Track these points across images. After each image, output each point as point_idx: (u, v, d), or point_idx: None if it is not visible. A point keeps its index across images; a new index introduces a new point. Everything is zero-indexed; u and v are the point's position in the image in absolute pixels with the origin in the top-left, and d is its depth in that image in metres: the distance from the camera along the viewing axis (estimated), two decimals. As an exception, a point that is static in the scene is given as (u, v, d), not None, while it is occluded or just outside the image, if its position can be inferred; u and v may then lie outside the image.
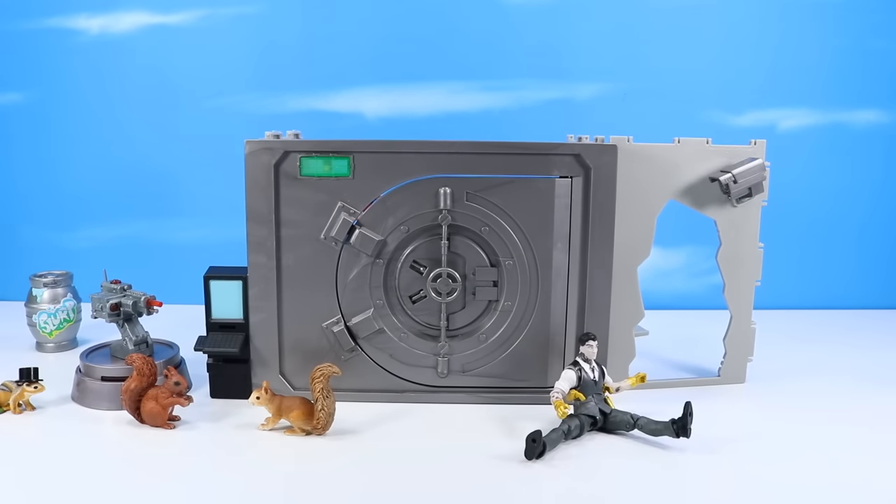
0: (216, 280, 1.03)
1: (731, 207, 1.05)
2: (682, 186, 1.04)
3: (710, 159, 1.04)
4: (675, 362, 1.20)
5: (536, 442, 0.86)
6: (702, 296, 1.56)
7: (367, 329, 1.03)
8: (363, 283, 1.02)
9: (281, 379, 1.03)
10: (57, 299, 1.26)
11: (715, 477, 0.85)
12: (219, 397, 1.04)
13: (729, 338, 1.11)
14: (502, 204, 0.99)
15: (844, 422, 0.99)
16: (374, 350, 1.04)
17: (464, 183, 0.99)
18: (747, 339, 1.11)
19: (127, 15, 1.45)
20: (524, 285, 1.01)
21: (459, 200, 0.99)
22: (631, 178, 1.01)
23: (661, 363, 1.19)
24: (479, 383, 1.04)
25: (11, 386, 0.98)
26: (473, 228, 1.00)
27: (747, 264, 1.08)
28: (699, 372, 1.15)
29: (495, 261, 1.01)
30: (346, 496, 0.80)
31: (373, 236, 1.00)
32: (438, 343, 1.03)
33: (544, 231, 1.00)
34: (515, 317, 1.02)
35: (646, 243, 1.05)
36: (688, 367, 1.18)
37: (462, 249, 1.01)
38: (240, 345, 1.02)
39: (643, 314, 1.07)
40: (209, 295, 1.03)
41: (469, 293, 1.02)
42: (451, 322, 1.03)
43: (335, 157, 0.98)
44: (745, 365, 1.12)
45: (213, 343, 1.02)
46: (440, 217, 0.99)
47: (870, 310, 1.55)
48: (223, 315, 1.04)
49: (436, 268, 1.00)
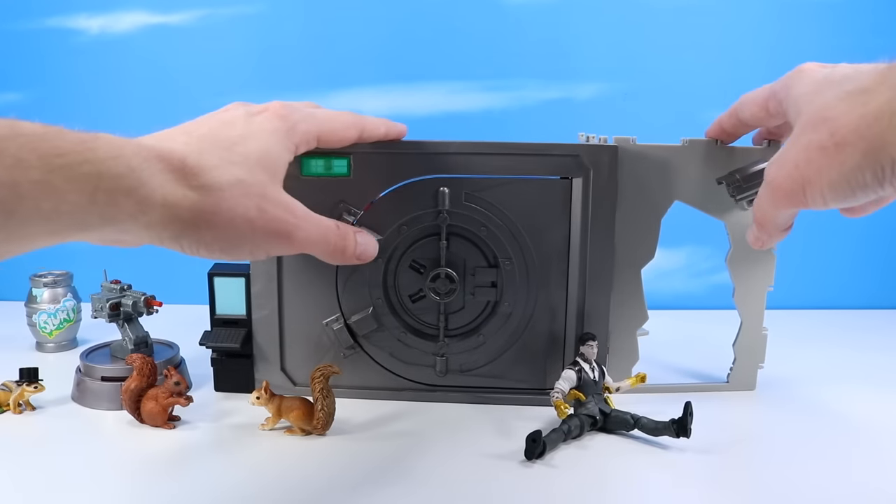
0: (220, 277, 1.04)
1: (740, 210, 1.01)
2: (689, 188, 1.01)
3: (718, 160, 1.00)
4: (678, 366, 1.19)
5: (536, 442, 0.86)
6: (702, 296, 1.56)
7: (366, 327, 1.03)
8: (362, 282, 1.02)
9: (282, 374, 1.05)
10: (57, 299, 1.26)
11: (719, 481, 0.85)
12: (222, 391, 1.07)
13: (739, 344, 1.07)
14: (501, 205, 0.99)
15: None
16: (374, 348, 1.04)
17: (462, 183, 0.98)
18: (758, 346, 1.07)
19: (127, 15, 1.46)
20: (523, 286, 1.01)
21: (458, 201, 0.98)
22: (635, 179, 1.00)
23: (664, 367, 1.17)
24: (478, 384, 1.04)
25: (11, 386, 0.98)
26: (472, 229, 1.00)
27: (759, 268, 1.05)
28: (705, 377, 1.14)
29: (494, 262, 1.01)
30: (346, 496, 0.80)
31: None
32: (437, 343, 1.03)
33: (543, 232, 1.00)
34: (514, 318, 1.02)
35: (650, 246, 1.03)
36: (693, 372, 1.16)
37: (461, 250, 1.01)
38: (241, 340, 1.03)
39: (647, 317, 1.05)
40: (213, 291, 1.05)
41: (468, 293, 1.02)
42: (450, 322, 1.03)
43: (335, 157, 0.98)
44: (756, 372, 1.08)
45: (216, 338, 1.04)
46: (439, 217, 0.99)
47: (870, 310, 1.56)
48: (227, 311, 1.05)
49: (435, 268, 1.00)
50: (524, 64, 1.47)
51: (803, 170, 0.68)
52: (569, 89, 1.48)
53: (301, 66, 1.47)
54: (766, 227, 0.80)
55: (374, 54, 1.47)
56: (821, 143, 0.66)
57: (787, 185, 0.70)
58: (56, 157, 0.54)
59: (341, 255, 0.80)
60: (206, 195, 0.65)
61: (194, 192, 0.64)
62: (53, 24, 1.46)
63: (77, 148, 0.55)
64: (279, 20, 1.46)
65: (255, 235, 0.69)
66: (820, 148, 0.66)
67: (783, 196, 0.71)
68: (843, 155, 0.64)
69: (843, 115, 0.64)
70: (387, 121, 0.95)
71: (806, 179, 0.68)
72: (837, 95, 0.66)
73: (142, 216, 0.60)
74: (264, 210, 0.69)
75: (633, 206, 1.01)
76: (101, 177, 0.56)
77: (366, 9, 1.46)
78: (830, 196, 0.67)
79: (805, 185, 0.68)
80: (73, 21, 1.46)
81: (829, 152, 0.65)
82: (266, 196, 0.70)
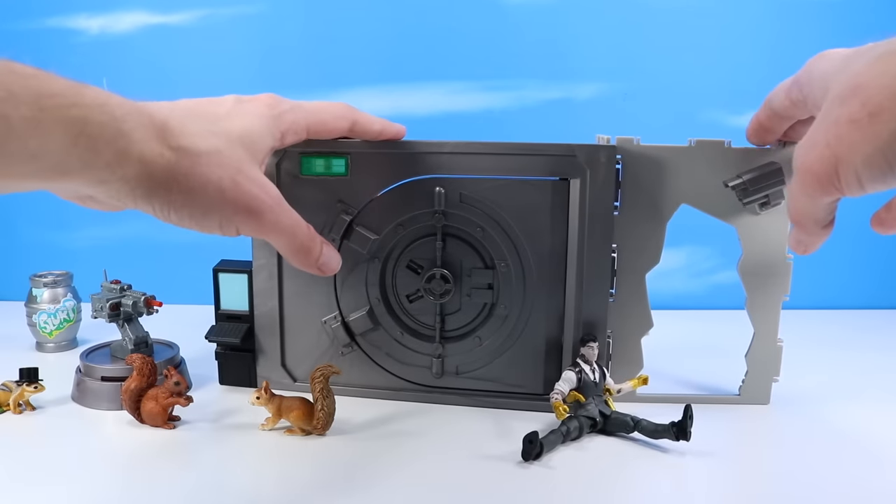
0: (225, 272, 1.06)
1: (753, 215, 0.96)
2: (697, 191, 0.97)
3: (727, 162, 0.95)
4: (685, 375, 1.13)
5: (533, 443, 0.85)
6: (702, 296, 1.56)
7: (363, 326, 1.03)
8: (360, 281, 1.02)
9: (282, 370, 1.05)
10: (57, 299, 1.26)
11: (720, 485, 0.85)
12: (226, 384, 1.08)
13: (751, 355, 1.02)
14: (497, 205, 0.98)
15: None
16: (371, 347, 1.04)
17: (458, 184, 0.97)
18: (773, 358, 1.01)
19: (127, 15, 1.46)
20: (520, 288, 1.00)
21: (454, 201, 0.98)
22: (639, 181, 0.97)
23: (670, 377, 1.12)
24: (474, 386, 1.03)
25: (11, 386, 0.98)
26: (468, 230, 0.99)
27: (774, 277, 0.99)
28: (714, 388, 1.08)
29: (491, 263, 1.00)
30: (346, 496, 0.79)
31: (369, 235, 1.00)
32: (434, 344, 1.03)
33: (541, 233, 0.99)
34: (510, 320, 1.01)
35: (655, 251, 0.99)
36: (701, 382, 1.11)
37: (458, 251, 1.01)
38: (242, 335, 1.04)
39: (652, 324, 1.02)
40: (218, 286, 1.06)
41: (465, 295, 1.01)
42: (446, 323, 1.03)
43: (334, 156, 0.98)
44: (770, 385, 1.02)
45: (219, 332, 1.06)
46: (434, 218, 0.98)
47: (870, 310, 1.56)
48: (231, 306, 1.07)
49: (431, 268, 1.00)
50: (524, 64, 1.47)
51: (834, 148, 0.61)
52: (569, 89, 1.48)
53: (301, 66, 1.47)
54: (804, 224, 0.72)
55: (374, 54, 1.47)
56: (851, 116, 0.59)
57: (817, 168, 0.63)
58: (48, 97, 0.55)
59: (305, 257, 0.80)
60: (182, 157, 0.65)
61: (171, 153, 0.65)
62: (53, 24, 1.46)
63: (67, 91, 0.57)
64: (279, 20, 1.46)
65: (225, 207, 0.69)
66: (851, 121, 0.59)
67: (814, 181, 0.64)
68: (879, 124, 0.57)
69: (875, 79, 0.58)
70: (384, 120, 0.95)
71: (838, 158, 0.61)
72: (867, 62, 0.60)
73: (118, 168, 0.61)
74: (238, 183, 0.70)
75: (637, 209, 0.98)
76: (87, 122, 0.57)
77: (366, 9, 1.46)
78: (866, 175, 0.60)
79: (837, 166, 0.61)
80: (73, 21, 1.46)
81: (862, 124, 0.58)
82: (241, 171, 0.71)
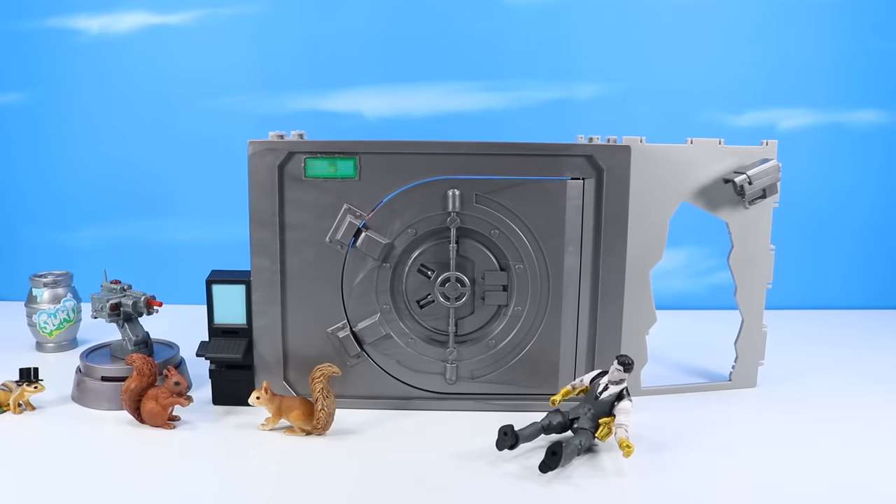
0: (219, 284, 1.00)
1: (743, 209, 1.03)
2: (695, 188, 1.02)
3: (722, 160, 1.02)
4: (683, 366, 1.19)
5: (508, 435, 0.85)
6: (702, 296, 1.56)
7: (373, 334, 1.01)
8: (369, 288, 1.00)
9: (285, 385, 1.01)
10: (57, 299, 1.26)
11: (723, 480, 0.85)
12: (221, 404, 1.02)
13: (740, 341, 1.09)
14: (512, 206, 0.97)
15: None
16: (381, 356, 1.02)
17: (473, 185, 0.97)
18: (759, 343, 1.09)
19: (127, 15, 1.45)
20: (534, 290, 0.99)
21: (468, 203, 0.97)
22: (643, 179, 0.99)
23: (670, 367, 1.17)
24: (489, 390, 1.02)
25: (11, 386, 0.98)
26: (483, 231, 0.98)
27: (759, 266, 1.06)
28: (709, 375, 1.14)
29: (505, 264, 0.99)
30: (346, 496, 0.80)
31: (379, 239, 0.98)
32: (447, 349, 1.01)
33: (555, 234, 0.98)
34: (525, 322, 1.00)
35: (658, 246, 1.03)
36: (697, 371, 1.16)
37: (471, 253, 1.00)
38: (243, 351, 0.99)
39: (655, 319, 1.05)
40: (211, 299, 1.01)
41: (478, 298, 1.00)
42: (459, 327, 1.01)
43: (341, 158, 0.96)
44: (757, 369, 1.10)
45: (215, 349, 1.00)
46: (448, 220, 0.97)
47: (869, 310, 1.56)
48: (226, 320, 1.01)
49: (444, 272, 0.98)
50: (524, 64, 1.47)
51: None
52: (569, 89, 1.48)
53: (301, 66, 1.47)
54: None
55: (374, 54, 1.47)
56: None
57: None
58: None
59: None
60: None
61: None
62: (53, 24, 1.46)
63: None
64: (279, 20, 1.46)
65: None
66: None
67: None
68: None
69: None
70: None
71: None
72: None
73: None
74: None
75: (642, 206, 1.00)
76: None
77: (366, 9, 1.45)
78: None
79: None
80: (73, 21, 1.46)
81: None
82: None
